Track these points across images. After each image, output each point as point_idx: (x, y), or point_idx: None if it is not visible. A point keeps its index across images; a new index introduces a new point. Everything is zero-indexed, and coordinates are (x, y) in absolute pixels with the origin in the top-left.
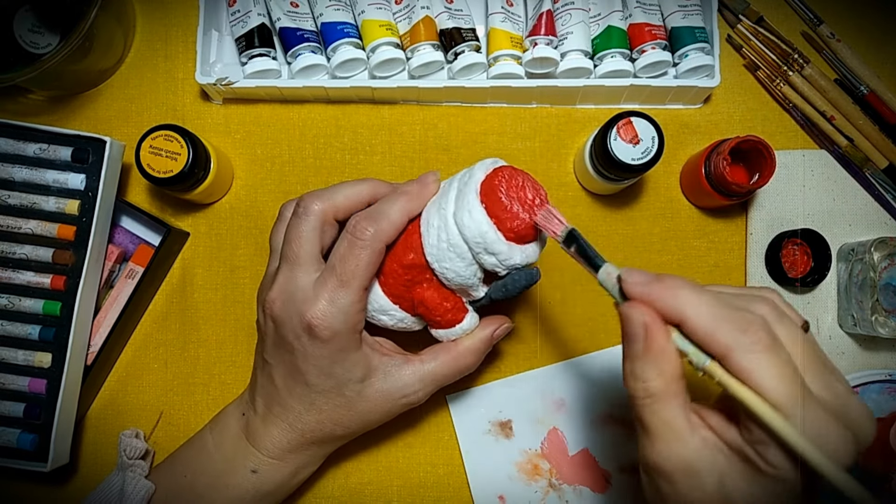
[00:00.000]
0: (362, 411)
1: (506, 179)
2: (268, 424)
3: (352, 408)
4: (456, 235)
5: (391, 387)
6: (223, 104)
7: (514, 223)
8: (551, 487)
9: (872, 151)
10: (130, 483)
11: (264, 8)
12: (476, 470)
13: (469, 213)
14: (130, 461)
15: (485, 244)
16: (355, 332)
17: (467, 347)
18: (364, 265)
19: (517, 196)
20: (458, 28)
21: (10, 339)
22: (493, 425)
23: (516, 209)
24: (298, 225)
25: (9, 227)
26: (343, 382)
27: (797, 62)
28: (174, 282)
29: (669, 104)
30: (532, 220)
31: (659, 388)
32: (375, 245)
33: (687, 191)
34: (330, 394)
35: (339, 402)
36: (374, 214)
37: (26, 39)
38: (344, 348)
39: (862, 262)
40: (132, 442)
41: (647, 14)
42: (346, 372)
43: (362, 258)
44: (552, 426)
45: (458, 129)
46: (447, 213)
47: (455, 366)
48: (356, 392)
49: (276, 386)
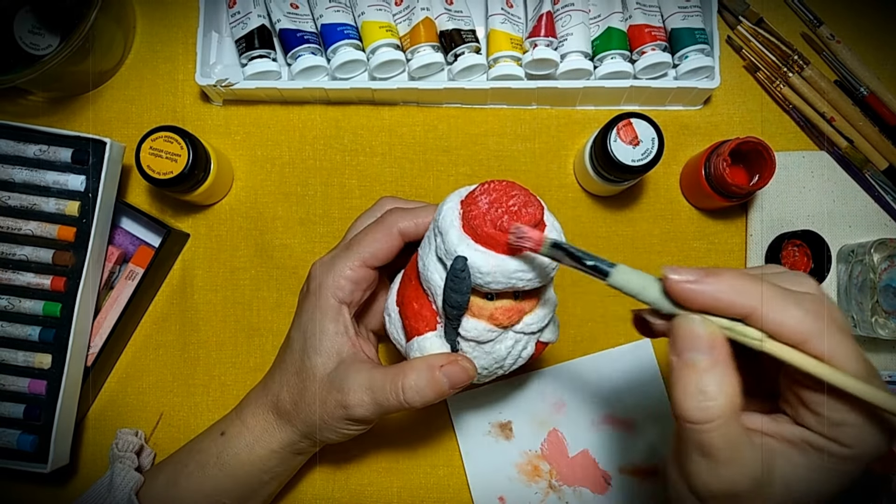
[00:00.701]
0: (308, 393)
1: (478, 199)
2: (255, 390)
3: (303, 379)
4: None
5: (340, 379)
6: (223, 106)
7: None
8: (551, 489)
9: (872, 153)
10: (119, 474)
11: (264, 9)
12: (476, 471)
13: (449, 227)
14: (121, 453)
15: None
16: (336, 296)
17: (411, 364)
18: (370, 238)
19: (497, 208)
20: (458, 29)
21: (10, 340)
22: (493, 426)
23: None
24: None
25: (9, 228)
26: (309, 347)
27: (797, 63)
28: (174, 283)
29: (669, 105)
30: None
31: (725, 406)
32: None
33: (687, 192)
34: (295, 355)
35: (297, 367)
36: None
37: (26, 41)
38: (323, 307)
39: (862, 264)
40: (125, 436)
41: (647, 15)
42: (314, 336)
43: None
44: (552, 427)
45: (458, 130)
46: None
47: (393, 380)
48: (313, 365)
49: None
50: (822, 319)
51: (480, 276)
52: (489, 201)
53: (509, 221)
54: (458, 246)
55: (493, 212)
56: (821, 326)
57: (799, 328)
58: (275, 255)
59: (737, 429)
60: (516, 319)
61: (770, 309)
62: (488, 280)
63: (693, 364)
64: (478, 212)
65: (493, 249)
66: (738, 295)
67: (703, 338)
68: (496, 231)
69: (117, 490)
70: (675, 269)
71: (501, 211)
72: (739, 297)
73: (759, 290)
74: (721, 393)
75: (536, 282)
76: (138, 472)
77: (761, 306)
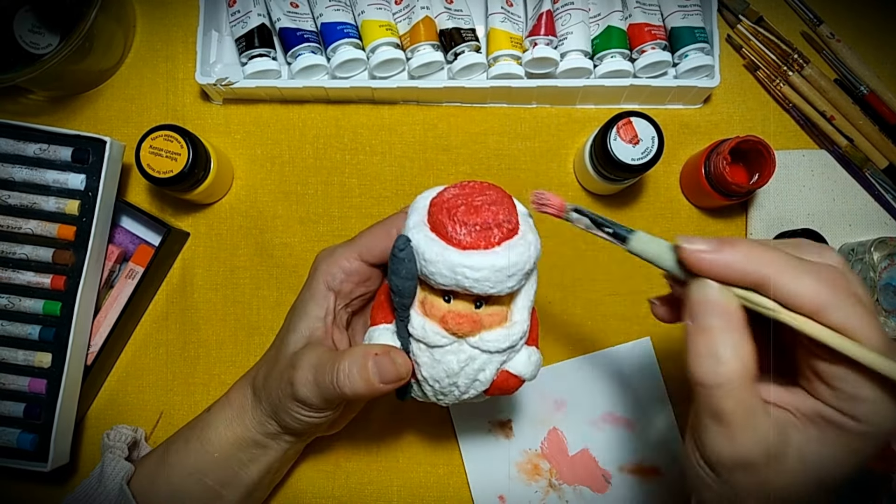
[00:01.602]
0: (275, 370)
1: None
2: (241, 379)
3: (276, 356)
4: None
5: (297, 357)
6: (223, 104)
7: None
8: (551, 487)
9: (872, 151)
10: (109, 464)
11: (264, 8)
12: (476, 470)
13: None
14: (111, 443)
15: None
16: (325, 282)
17: (350, 349)
18: (369, 234)
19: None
20: (458, 28)
21: (10, 339)
22: (493, 425)
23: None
24: None
25: (9, 227)
26: (290, 325)
27: (797, 62)
28: (174, 282)
29: (669, 104)
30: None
31: (738, 370)
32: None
33: (687, 191)
34: (280, 333)
35: (276, 344)
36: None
37: (26, 40)
38: (312, 290)
39: (862, 262)
40: (119, 428)
41: (647, 14)
42: (296, 316)
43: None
44: (552, 426)
45: (457, 129)
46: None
47: (332, 361)
48: (286, 342)
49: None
50: (840, 290)
51: (424, 263)
52: (455, 194)
53: (465, 214)
54: (412, 230)
55: (453, 201)
56: (837, 296)
57: (813, 297)
58: (275, 253)
59: (750, 395)
60: (468, 330)
61: (783, 278)
62: (432, 270)
63: (707, 328)
64: (439, 199)
65: (444, 240)
66: (750, 263)
67: (717, 303)
68: (449, 220)
69: (108, 480)
70: (690, 238)
71: (461, 202)
72: (752, 265)
73: (773, 259)
74: (734, 357)
75: (487, 286)
76: (129, 462)
77: (774, 275)
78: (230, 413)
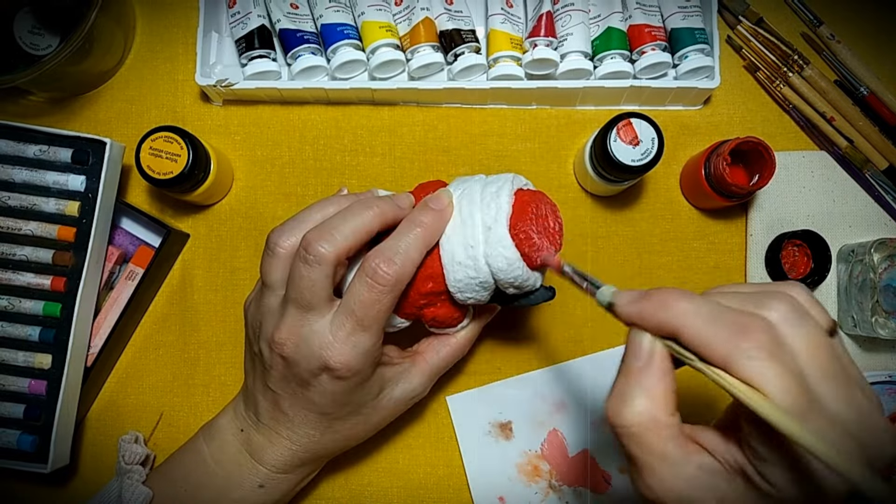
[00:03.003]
0: (377, 422)
1: (534, 213)
2: (275, 444)
3: (368, 422)
4: (487, 274)
5: (403, 393)
6: (223, 106)
7: (540, 255)
8: (551, 489)
9: (872, 153)
10: (128, 489)
11: (264, 9)
12: (476, 471)
13: (503, 256)
14: (128, 466)
15: (514, 280)
16: (375, 365)
17: (465, 337)
18: (385, 309)
19: (543, 229)
20: (458, 29)
21: (10, 340)
22: (493, 426)
23: (544, 244)
24: (310, 273)
25: (9, 228)
26: (361, 405)
27: (797, 63)
28: (174, 283)
29: (669, 105)
30: (553, 253)
31: (645, 412)
32: (397, 289)
33: (687, 192)
34: (348, 417)
35: (356, 420)
36: (392, 254)
37: (26, 41)
38: (364, 379)
39: (862, 264)
40: (131, 447)
41: (647, 15)
42: (364, 396)
43: (384, 303)
44: (552, 427)
45: (458, 130)
46: (477, 252)
47: (455, 356)
48: (372, 408)
49: (285, 413)
50: (754, 341)
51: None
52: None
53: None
54: (532, 281)
55: (545, 240)
56: (748, 348)
57: (718, 347)
58: None
59: (660, 440)
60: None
61: (692, 328)
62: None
63: (627, 368)
64: (538, 249)
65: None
66: (662, 313)
67: (642, 346)
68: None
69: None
70: (621, 293)
71: (541, 222)
72: (664, 315)
73: (687, 310)
74: (645, 398)
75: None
76: (147, 487)
77: (686, 324)
78: (290, 477)
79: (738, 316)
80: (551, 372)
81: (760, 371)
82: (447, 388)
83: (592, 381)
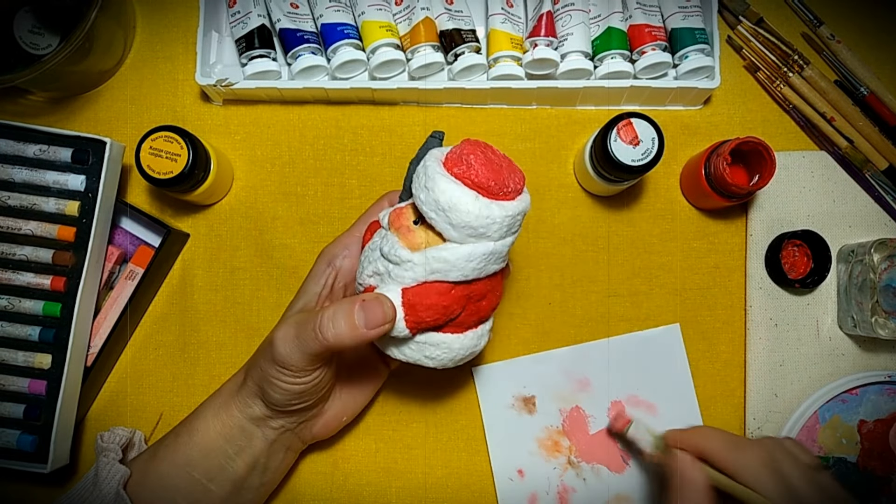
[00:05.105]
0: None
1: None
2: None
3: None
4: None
5: (286, 321)
6: (223, 105)
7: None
8: (570, 464)
9: (872, 153)
10: (104, 468)
11: (264, 9)
12: (497, 443)
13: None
14: (105, 445)
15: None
16: (325, 260)
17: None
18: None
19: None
20: (458, 29)
21: (10, 340)
22: (516, 400)
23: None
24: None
25: (9, 228)
26: (287, 307)
27: (797, 63)
28: (174, 283)
29: (669, 105)
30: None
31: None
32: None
33: (687, 192)
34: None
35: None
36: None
37: (26, 40)
38: (314, 270)
39: (862, 264)
40: (115, 430)
41: (647, 15)
42: (294, 298)
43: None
44: (575, 404)
45: (458, 130)
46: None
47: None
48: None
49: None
50: (748, 454)
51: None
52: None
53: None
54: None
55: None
56: (744, 457)
57: (730, 459)
58: (275, 254)
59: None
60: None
61: (714, 450)
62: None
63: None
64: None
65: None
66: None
67: (694, 479)
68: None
69: (103, 483)
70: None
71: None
72: (698, 442)
73: (713, 436)
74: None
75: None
76: (123, 465)
77: (709, 449)
78: (219, 401)
79: (742, 440)
80: (577, 350)
81: (748, 468)
82: (473, 360)
83: (618, 361)
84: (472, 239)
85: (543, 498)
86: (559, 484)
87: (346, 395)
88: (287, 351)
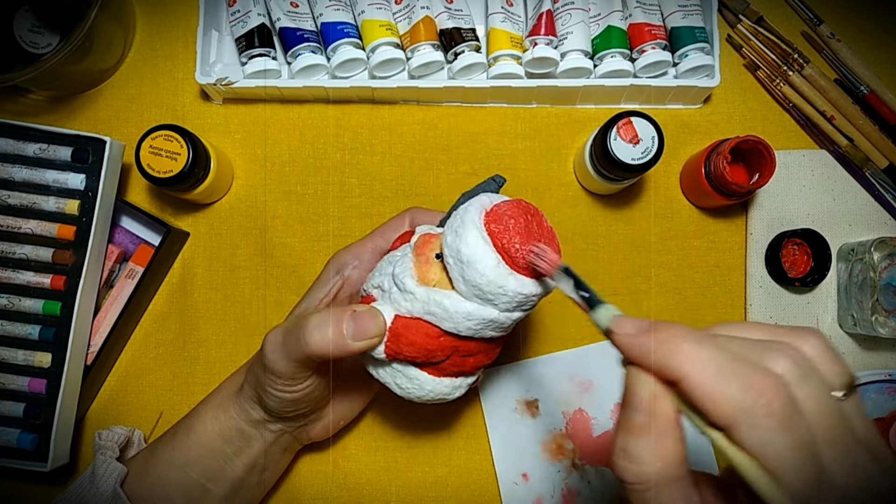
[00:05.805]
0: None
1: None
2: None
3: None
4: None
5: (278, 327)
6: (223, 104)
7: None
8: (574, 467)
9: (872, 151)
10: (101, 466)
11: (264, 8)
12: (501, 448)
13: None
14: (102, 442)
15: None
16: (334, 268)
17: (325, 309)
18: (383, 226)
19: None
20: (458, 28)
21: (10, 338)
22: (519, 403)
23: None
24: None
25: (9, 226)
26: (291, 314)
27: (797, 62)
28: (174, 282)
29: (669, 104)
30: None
31: (658, 473)
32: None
33: (687, 191)
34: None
35: None
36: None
37: (26, 39)
38: (321, 277)
39: (862, 262)
40: (114, 428)
41: (647, 14)
42: (299, 303)
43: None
44: (578, 407)
45: (458, 129)
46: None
47: (303, 318)
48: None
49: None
50: (762, 405)
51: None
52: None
53: (524, 238)
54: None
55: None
56: (758, 412)
57: (728, 407)
58: (275, 253)
59: (672, 499)
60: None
61: (700, 380)
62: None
63: (627, 423)
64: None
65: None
66: (669, 356)
67: (643, 399)
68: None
69: (100, 481)
70: (620, 320)
71: (523, 225)
72: (670, 359)
73: (700, 354)
74: (654, 457)
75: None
76: (120, 463)
77: (692, 374)
78: (217, 401)
79: (748, 371)
80: (580, 352)
81: (769, 442)
82: None
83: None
84: (478, 300)
85: (548, 501)
86: (563, 487)
87: (344, 399)
88: (275, 357)
